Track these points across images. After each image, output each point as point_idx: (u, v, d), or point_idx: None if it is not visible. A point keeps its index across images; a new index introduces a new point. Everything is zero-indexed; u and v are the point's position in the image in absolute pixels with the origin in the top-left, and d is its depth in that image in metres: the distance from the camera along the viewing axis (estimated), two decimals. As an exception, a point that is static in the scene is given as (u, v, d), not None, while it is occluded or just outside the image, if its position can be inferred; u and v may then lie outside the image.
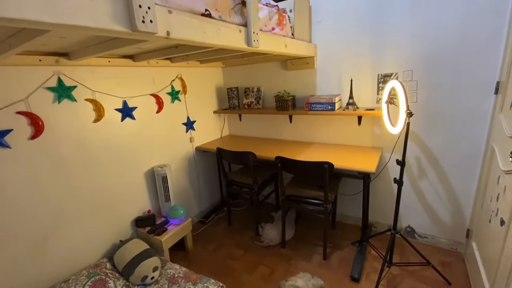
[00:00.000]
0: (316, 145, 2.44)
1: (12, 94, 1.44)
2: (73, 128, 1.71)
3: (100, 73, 1.83)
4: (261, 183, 2.36)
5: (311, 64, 2.33)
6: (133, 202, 2.14)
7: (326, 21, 2.20)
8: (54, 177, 1.64)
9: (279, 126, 2.74)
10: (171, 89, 2.37)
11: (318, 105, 2.21)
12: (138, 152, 2.14)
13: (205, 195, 2.92)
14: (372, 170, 1.76)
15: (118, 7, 0.77)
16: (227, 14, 1.22)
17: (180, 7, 0.98)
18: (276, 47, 1.65)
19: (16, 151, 1.47)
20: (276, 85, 2.62)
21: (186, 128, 2.60)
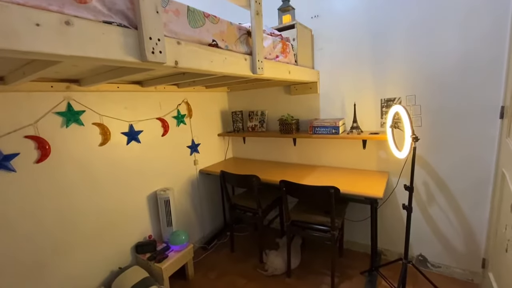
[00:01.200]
0: (321, 169, 2.41)
1: (22, 118, 1.48)
2: (78, 152, 1.72)
3: (109, 98, 1.88)
4: (266, 208, 2.31)
5: (314, 89, 2.37)
6: (134, 227, 2.09)
7: (328, 48, 2.27)
8: (56, 202, 1.62)
9: (283, 149, 2.73)
10: (177, 113, 2.42)
11: (322, 128, 2.22)
12: (142, 176, 2.13)
13: (208, 219, 2.85)
14: (380, 196, 1.72)
15: (129, 39, 0.81)
16: (233, 44, 1.27)
17: (188, 38, 1.02)
18: (280, 74, 1.69)
19: (20, 175, 1.47)
20: (280, 109, 2.65)
21: (191, 151, 2.60)
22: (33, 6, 0.61)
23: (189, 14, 1.03)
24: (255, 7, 1.31)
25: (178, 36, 0.98)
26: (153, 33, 0.84)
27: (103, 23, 0.74)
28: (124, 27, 0.80)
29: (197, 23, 1.07)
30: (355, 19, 2.10)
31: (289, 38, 1.97)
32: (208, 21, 1.12)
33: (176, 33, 0.97)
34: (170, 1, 0.95)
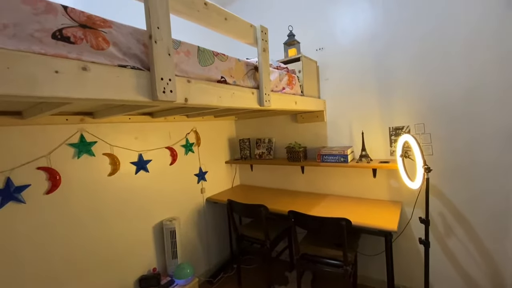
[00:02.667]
0: (330, 198, 2.34)
1: (36, 150, 1.52)
2: (88, 182, 1.74)
3: (120, 129, 1.93)
4: (274, 239, 2.23)
5: (320, 117, 2.39)
6: (139, 259, 2.03)
7: (333, 78, 2.32)
8: (63, 233, 1.61)
9: (291, 177, 2.69)
10: (185, 142, 2.45)
11: (331, 157, 2.20)
12: (149, 205, 2.12)
13: (214, 250, 2.76)
14: (394, 229, 1.64)
15: (142, 80, 0.84)
16: (241, 79, 1.31)
17: (198, 76, 1.06)
18: (287, 105, 1.72)
19: (30, 206, 1.48)
20: (287, 137, 2.66)
21: (198, 179, 2.59)
22: (54, 55, 0.66)
23: (199, 53, 1.08)
24: (262, 44, 1.38)
25: (188, 75, 1.02)
26: (165, 73, 0.87)
27: (118, 66, 0.79)
28: (137, 69, 0.84)
29: (206, 61, 1.12)
30: (359, 51, 2.16)
31: (295, 70, 2.03)
32: (217, 59, 1.18)
33: (186, 72, 1.01)
34: (181, 43, 1.00)
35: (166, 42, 0.87)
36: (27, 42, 0.62)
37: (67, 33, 0.68)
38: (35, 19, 0.64)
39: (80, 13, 0.72)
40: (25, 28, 0.62)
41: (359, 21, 2.15)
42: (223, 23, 1.15)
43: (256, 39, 1.37)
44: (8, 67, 0.58)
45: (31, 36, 0.63)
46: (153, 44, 0.83)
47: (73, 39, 0.69)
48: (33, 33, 0.63)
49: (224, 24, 1.16)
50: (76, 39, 0.70)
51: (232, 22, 1.20)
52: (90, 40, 0.73)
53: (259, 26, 1.37)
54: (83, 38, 0.71)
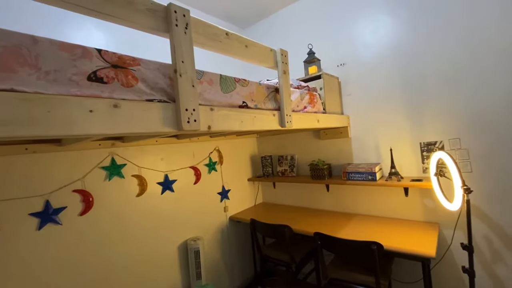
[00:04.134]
0: (358, 218, 2.22)
1: (72, 174, 1.63)
2: (117, 203, 1.81)
3: (147, 151, 2.02)
4: (300, 261, 2.14)
5: (344, 133, 2.32)
6: (164, 279, 2.05)
7: (356, 94, 2.26)
8: (94, 252, 1.68)
9: (315, 195, 2.61)
10: (208, 161, 2.49)
11: (357, 174, 2.10)
12: (174, 224, 2.15)
13: (238, 270, 2.71)
14: (432, 255, 1.50)
15: (168, 112, 0.88)
16: (262, 102, 1.32)
17: (220, 103, 1.09)
18: (309, 124, 1.70)
19: (65, 228, 1.57)
20: (310, 153, 2.61)
21: (221, 198, 2.61)
22: (88, 96, 0.71)
23: (221, 81, 1.11)
24: (282, 67, 1.39)
25: (211, 103, 1.05)
26: (189, 104, 0.90)
27: (146, 101, 0.83)
28: (164, 102, 0.87)
29: (228, 88, 1.14)
30: (383, 64, 2.10)
31: (316, 88, 2.02)
32: (238, 85, 1.20)
33: (209, 100, 1.04)
34: (204, 73, 1.04)
35: (190, 75, 0.90)
36: (66, 86, 0.68)
37: (101, 74, 0.74)
38: (72, 64, 0.69)
39: (112, 54, 0.78)
40: (64, 73, 0.68)
41: (380, 35, 2.11)
42: (244, 50, 1.18)
43: (276, 62, 1.39)
44: (49, 110, 0.63)
45: (69, 80, 0.68)
46: (178, 78, 0.87)
47: (106, 79, 0.75)
48: (71, 77, 0.69)
49: (245, 51, 1.19)
50: (109, 79, 0.75)
51: (252, 48, 1.23)
52: (121, 79, 0.78)
53: (279, 49, 1.38)
54: (114, 78, 0.76)
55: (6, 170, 1.39)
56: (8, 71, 0.59)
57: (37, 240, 1.47)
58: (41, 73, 0.64)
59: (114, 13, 0.76)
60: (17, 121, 0.58)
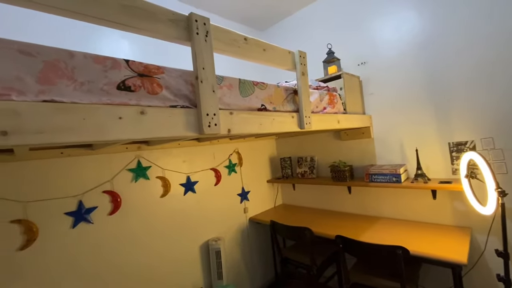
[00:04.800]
0: (382, 221, 2.15)
1: (102, 176, 1.73)
2: (143, 203, 1.90)
3: (171, 154, 2.10)
4: (321, 264, 2.10)
5: (367, 134, 2.26)
6: (186, 278, 2.11)
7: (379, 93, 2.19)
8: (121, 249, 1.77)
9: (336, 197, 2.56)
10: (228, 163, 2.54)
11: (381, 176, 2.04)
12: (196, 225, 2.21)
13: (258, 272, 2.72)
14: (463, 261, 1.42)
15: (190, 117, 0.91)
16: (280, 104, 1.33)
17: (239, 107, 1.11)
18: (329, 125, 1.68)
19: (96, 226, 1.67)
20: (331, 155, 2.56)
21: (241, 199, 2.64)
22: (118, 104, 0.76)
23: (240, 85, 1.14)
24: (301, 68, 1.38)
25: (231, 107, 1.07)
26: (210, 109, 0.93)
27: (170, 107, 0.87)
28: (186, 107, 0.91)
29: (247, 92, 1.16)
30: (406, 62, 2.02)
31: (336, 88, 1.98)
32: (257, 88, 1.22)
33: (229, 104, 1.07)
34: (224, 78, 1.07)
35: (211, 80, 0.93)
36: (98, 95, 0.73)
37: (129, 83, 0.79)
38: (104, 75, 0.75)
39: (139, 64, 0.82)
40: (97, 83, 0.74)
41: (403, 31, 2.03)
42: (262, 54, 1.20)
43: (294, 64, 1.39)
44: (84, 118, 0.68)
45: (101, 89, 0.74)
46: (199, 84, 0.90)
47: (133, 87, 0.79)
48: (102, 86, 0.74)
49: (263, 55, 1.20)
50: (136, 87, 0.80)
51: (270, 51, 1.24)
52: (147, 87, 0.82)
53: (297, 51, 1.38)
54: (141, 86, 0.81)
55: (44, 173, 1.51)
56: (48, 83, 0.65)
57: (71, 238, 1.58)
58: (77, 84, 0.69)
59: (139, 25, 0.80)
60: (56, 129, 0.64)
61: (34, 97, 0.63)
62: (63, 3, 0.65)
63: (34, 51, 0.64)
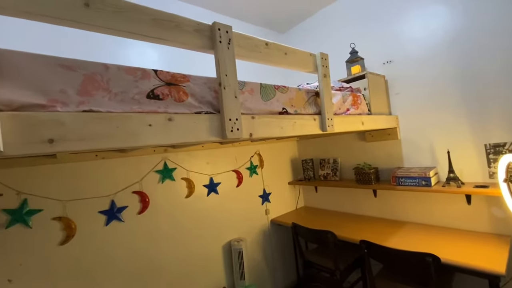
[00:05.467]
0: (410, 226, 2.05)
1: (132, 177, 1.84)
2: (169, 203, 1.99)
3: (195, 155, 2.17)
4: (344, 269, 2.06)
5: (393, 135, 2.17)
6: (209, 277, 2.17)
7: (406, 92, 2.10)
8: (149, 247, 1.86)
9: (361, 201, 2.49)
10: (250, 164, 2.57)
11: (409, 179, 1.95)
12: (218, 225, 2.26)
13: (280, 274, 2.72)
14: (501, 272, 1.32)
15: (213, 123, 0.95)
16: (301, 107, 1.33)
17: (261, 111, 1.13)
18: (352, 127, 1.64)
19: (127, 224, 1.78)
20: (354, 156, 2.49)
21: (262, 201, 2.65)
22: (148, 112, 0.81)
23: (261, 90, 1.15)
24: (323, 70, 1.37)
25: (252, 111, 1.09)
26: (232, 114, 0.96)
27: (195, 113, 0.91)
28: (210, 113, 0.95)
29: (268, 96, 1.18)
30: (436, 59, 1.92)
31: (359, 89, 1.93)
32: (278, 92, 1.23)
33: (250, 109, 1.09)
34: (246, 83, 1.09)
35: (233, 86, 0.96)
36: (130, 104, 0.79)
37: (157, 92, 0.84)
38: (135, 85, 0.80)
39: (166, 73, 0.87)
40: (129, 93, 0.79)
41: (433, 27, 1.93)
42: (283, 58, 1.20)
43: (316, 66, 1.38)
44: (118, 126, 0.74)
45: (132, 98, 0.79)
46: (222, 90, 0.93)
47: (161, 96, 0.84)
48: (133, 96, 0.80)
49: (285, 59, 1.21)
50: (164, 95, 0.85)
51: (292, 55, 1.25)
52: (174, 95, 0.87)
53: (318, 53, 1.37)
54: (168, 94, 0.86)
55: (80, 174, 1.64)
56: (87, 95, 0.72)
57: (104, 235, 1.69)
58: (111, 94, 0.75)
59: (167, 37, 0.85)
60: (95, 136, 0.70)
61: (75, 108, 0.69)
62: (103, 22, 0.71)
63: (75, 65, 0.70)
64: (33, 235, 1.46)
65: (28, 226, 1.44)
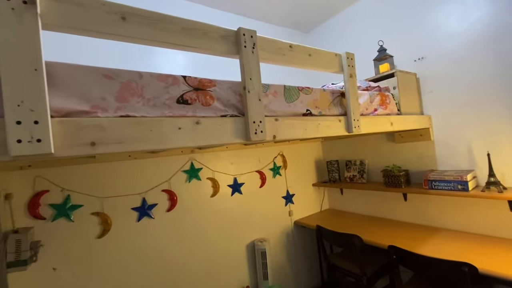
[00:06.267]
0: (444, 233, 1.93)
1: (161, 176, 1.93)
2: (195, 202, 2.06)
3: (219, 156, 2.23)
4: (371, 275, 1.98)
5: (425, 135, 2.05)
6: (233, 275, 2.21)
7: (440, 90, 1.98)
8: (176, 244, 1.95)
9: (390, 204, 2.38)
10: (273, 165, 2.58)
11: (443, 183, 1.84)
12: (242, 225, 2.30)
13: (304, 276, 2.69)
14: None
15: (238, 125, 0.98)
16: (326, 108, 1.31)
17: (284, 113, 1.13)
18: (380, 128, 1.58)
19: (157, 221, 1.88)
20: (383, 158, 2.40)
21: (286, 202, 2.65)
22: (178, 116, 0.86)
23: (285, 92, 1.16)
24: (348, 70, 1.34)
25: (276, 113, 1.10)
26: (256, 117, 0.98)
27: (220, 117, 0.94)
28: (235, 116, 0.98)
29: (292, 97, 1.18)
30: (474, 55, 1.78)
31: (388, 88, 1.86)
32: (302, 93, 1.22)
33: (274, 111, 1.10)
34: (270, 86, 1.11)
35: (257, 90, 0.98)
36: (162, 109, 0.84)
37: (186, 97, 0.88)
38: (166, 91, 0.85)
39: (194, 79, 0.92)
40: (160, 99, 0.84)
41: (471, 20, 1.79)
42: (308, 59, 1.20)
43: (341, 66, 1.35)
44: (151, 130, 0.79)
45: (164, 103, 0.84)
46: (246, 94, 0.96)
47: (190, 100, 0.89)
48: (165, 101, 0.85)
49: (309, 60, 1.20)
50: (192, 100, 0.89)
51: (316, 56, 1.24)
52: (201, 99, 0.91)
53: (344, 53, 1.35)
54: (196, 99, 0.90)
55: (115, 173, 1.76)
56: (124, 101, 0.78)
57: (136, 230, 1.80)
58: (145, 100, 0.81)
59: (193, 44, 0.89)
60: (130, 139, 0.76)
61: (114, 113, 0.75)
62: (138, 34, 0.78)
63: (113, 74, 0.77)
64: (74, 228, 1.60)
65: (71, 220, 1.58)
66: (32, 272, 1.41)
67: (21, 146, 0.59)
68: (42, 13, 0.64)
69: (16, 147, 0.59)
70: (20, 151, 0.59)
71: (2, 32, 0.59)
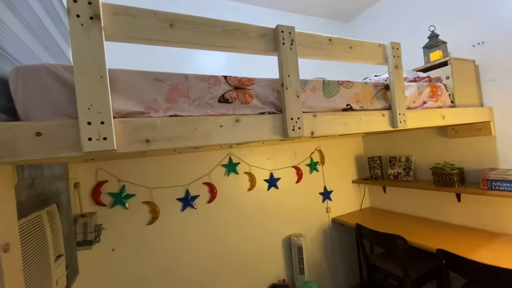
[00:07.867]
0: (505, 239, 1.72)
1: (202, 170, 2.05)
2: (233, 195, 2.15)
3: (256, 151, 2.28)
4: (416, 279, 1.86)
5: (485, 130, 1.83)
6: (270, 268, 2.27)
7: (505, 78, 1.74)
8: (216, 233, 2.06)
9: (439, 205, 2.19)
10: (310, 161, 2.54)
11: (505, 183, 1.63)
12: (278, 219, 2.33)
13: (341, 275, 2.63)
14: None
15: (276, 122, 0.99)
16: (368, 102, 1.26)
17: (323, 109, 1.12)
18: (429, 122, 1.46)
19: (198, 211, 2.00)
20: (432, 155, 2.20)
21: (323, 198, 2.60)
22: (219, 114, 0.90)
23: (324, 87, 1.14)
24: (394, 61, 1.26)
25: (314, 109, 1.09)
26: (294, 114, 0.98)
27: (259, 114, 0.97)
28: (272, 113, 0.99)
29: (331, 92, 1.15)
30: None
31: (440, 78, 1.70)
32: (342, 88, 1.19)
33: (312, 107, 1.09)
34: (308, 82, 1.10)
35: (295, 86, 0.98)
36: (205, 108, 0.89)
37: (227, 96, 0.92)
38: (209, 91, 0.91)
39: (234, 78, 0.95)
40: (204, 98, 0.90)
41: (549, -6, 1.53)
42: (348, 52, 1.16)
43: (386, 57, 1.27)
44: (196, 128, 0.85)
45: (207, 103, 0.90)
46: (284, 91, 0.97)
47: (230, 99, 0.93)
48: (208, 101, 0.90)
49: (350, 53, 1.16)
50: (232, 99, 0.93)
51: (358, 48, 1.18)
52: (241, 98, 0.94)
53: (389, 43, 1.26)
54: (236, 98, 0.94)
55: (162, 166, 1.92)
56: (172, 102, 0.85)
57: (181, 219, 1.95)
58: (190, 100, 0.87)
59: (233, 44, 0.93)
60: (178, 137, 0.82)
61: (164, 113, 0.83)
62: (185, 38, 0.84)
63: (163, 77, 0.84)
64: (128, 215, 1.79)
65: (125, 207, 1.77)
66: (96, 251, 1.62)
67: (91, 143, 0.69)
68: (105, 26, 0.73)
69: (87, 144, 0.69)
70: (90, 148, 0.69)
71: (75, 45, 0.68)
